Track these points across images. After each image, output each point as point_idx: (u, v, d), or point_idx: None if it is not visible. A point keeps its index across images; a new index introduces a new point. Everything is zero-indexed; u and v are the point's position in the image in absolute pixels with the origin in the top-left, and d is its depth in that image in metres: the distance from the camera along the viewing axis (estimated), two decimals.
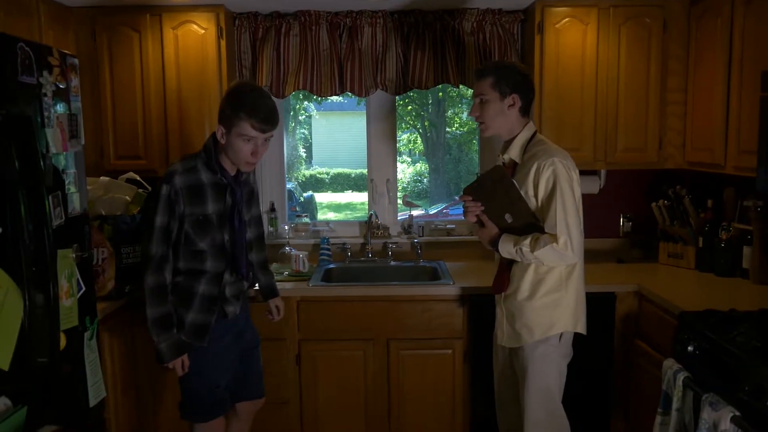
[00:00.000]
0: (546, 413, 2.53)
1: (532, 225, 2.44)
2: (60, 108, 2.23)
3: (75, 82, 2.35)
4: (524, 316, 2.50)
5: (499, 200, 2.47)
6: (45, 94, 2.13)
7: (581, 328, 2.54)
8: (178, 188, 2.38)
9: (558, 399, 2.54)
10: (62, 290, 2.18)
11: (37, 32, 2.94)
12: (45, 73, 2.13)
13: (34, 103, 2.07)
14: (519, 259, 2.47)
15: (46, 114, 2.13)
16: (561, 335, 2.49)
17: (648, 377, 2.91)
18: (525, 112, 2.54)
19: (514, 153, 2.54)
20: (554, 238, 2.36)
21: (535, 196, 2.44)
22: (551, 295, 2.47)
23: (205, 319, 2.49)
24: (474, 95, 2.58)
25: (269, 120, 2.39)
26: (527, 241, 2.39)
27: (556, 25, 3.33)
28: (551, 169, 2.39)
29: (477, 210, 2.52)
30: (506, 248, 2.46)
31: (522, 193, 2.43)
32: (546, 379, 2.51)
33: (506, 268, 2.57)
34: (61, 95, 2.24)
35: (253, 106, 2.35)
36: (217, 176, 2.46)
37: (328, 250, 3.80)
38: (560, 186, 2.38)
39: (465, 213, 2.57)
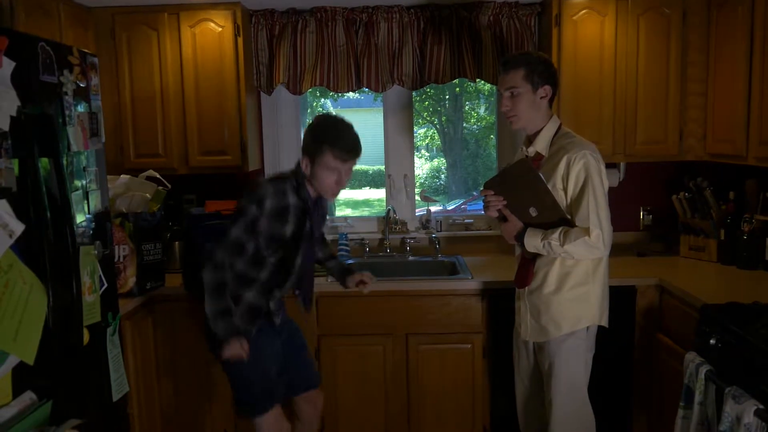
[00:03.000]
0: (573, 407, 2.52)
1: (558, 218, 2.41)
2: (80, 107, 2.25)
3: (95, 80, 2.37)
4: (551, 310, 2.48)
5: (524, 194, 2.43)
6: (66, 93, 2.15)
7: (605, 321, 2.53)
8: (267, 212, 2.39)
9: (585, 392, 2.54)
10: (85, 286, 2.21)
11: (58, 32, 2.98)
12: (66, 72, 2.16)
13: (55, 101, 2.09)
14: (545, 254, 2.44)
15: (67, 112, 2.15)
16: (588, 328, 2.49)
17: (670, 371, 2.88)
18: (551, 103, 2.52)
19: (540, 146, 2.51)
20: (586, 231, 2.33)
21: (565, 189, 2.41)
22: (579, 288, 2.46)
23: (247, 329, 2.50)
24: (503, 88, 2.50)
25: (353, 150, 2.42)
26: (556, 235, 2.36)
27: (574, 17, 3.31)
28: (582, 162, 2.37)
29: (499, 204, 2.48)
30: (532, 242, 2.43)
31: (549, 186, 2.40)
32: (573, 372, 2.50)
33: (529, 262, 2.54)
34: (82, 94, 2.27)
35: (336, 137, 2.39)
36: (302, 201, 2.48)
37: (347, 245, 3.81)
38: (592, 179, 2.36)
39: (486, 208, 2.53)
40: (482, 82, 3.64)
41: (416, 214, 4.04)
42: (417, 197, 4.07)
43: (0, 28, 1.97)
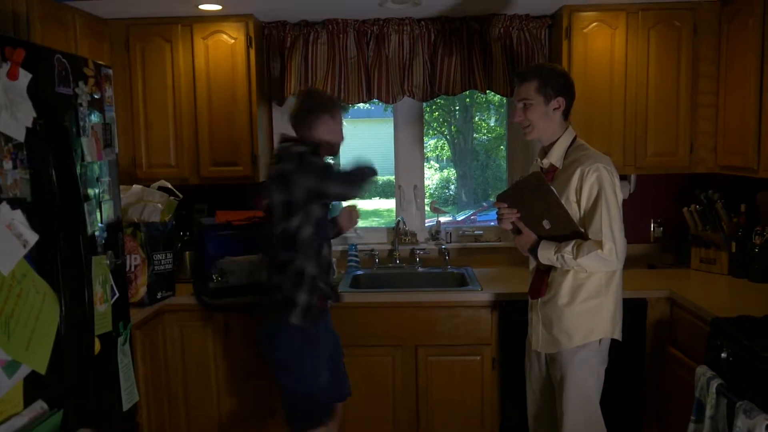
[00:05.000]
0: (584, 419, 2.50)
1: (571, 231, 2.41)
2: (95, 117, 2.28)
3: (109, 92, 2.40)
4: (563, 321, 2.47)
5: (537, 206, 2.43)
6: (81, 104, 2.18)
7: (618, 335, 2.52)
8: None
9: (597, 405, 2.52)
10: (96, 296, 2.22)
11: (73, 43, 3.02)
12: (81, 83, 2.19)
13: (70, 112, 2.12)
14: (559, 266, 2.44)
15: (81, 123, 2.18)
16: (600, 341, 2.48)
17: (681, 384, 2.86)
18: (566, 115, 2.52)
19: (554, 158, 2.51)
20: (598, 244, 2.33)
21: (578, 202, 2.41)
22: (591, 300, 2.45)
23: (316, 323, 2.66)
24: (517, 99, 2.52)
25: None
26: (569, 248, 2.36)
27: (584, 30, 3.31)
28: (596, 175, 2.37)
29: (513, 217, 2.49)
30: (546, 255, 2.43)
31: (563, 199, 2.40)
32: (585, 384, 2.49)
33: (543, 273, 2.55)
34: (96, 105, 2.29)
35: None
36: None
37: (356, 256, 3.82)
38: (605, 192, 2.36)
39: (500, 220, 2.54)
40: (493, 93, 3.65)
41: (426, 225, 4.04)
42: (427, 208, 4.07)
43: (17, 40, 1.99)
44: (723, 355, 2.35)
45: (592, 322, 2.45)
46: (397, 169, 3.99)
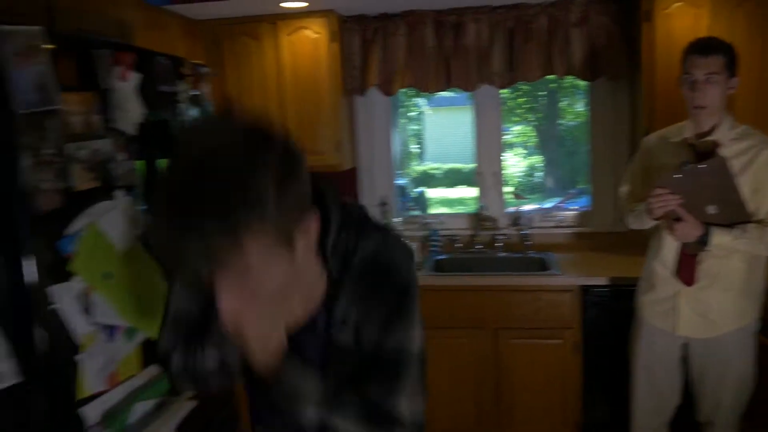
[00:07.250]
0: (744, 400, 2.53)
1: (739, 215, 2.33)
2: (194, 113, 2.49)
3: (206, 89, 2.61)
4: (724, 305, 2.45)
5: (708, 191, 2.32)
6: (180, 101, 2.39)
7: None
8: None
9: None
10: None
11: (171, 44, 3.25)
12: (180, 82, 2.40)
13: (172, 108, 2.33)
14: (728, 250, 2.37)
15: (182, 118, 2.39)
16: (755, 321, 2.51)
17: None
18: None
19: (724, 138, 2.40)
20: None
21: (756, 185, 2.35)
22: (750, 282, 2.45)
23: None
24: (702, 72, 2.33)
25: None
26: (752, 232, 2.32)
27: (666, 11, 3.24)
28: None
29: (675, 203, 2.33)
30: (721, 239, 2.33)
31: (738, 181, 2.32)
32: (749, 364, 2.51)
33: (691, 258, 2.45)
34: (195, 101, 2.50)
35: None
36: None
37: (438, 241, 3.92)
38: None
39: (657, 207, 2.36)
40: (574, 78, 3.64)
41: (507, 211, 4.09)
42: (508, 195, 4.10)
43: (127, 45, 2.21)
44: None
45: (750, 304, 2.48)
46: (478, 156, 4.05)
